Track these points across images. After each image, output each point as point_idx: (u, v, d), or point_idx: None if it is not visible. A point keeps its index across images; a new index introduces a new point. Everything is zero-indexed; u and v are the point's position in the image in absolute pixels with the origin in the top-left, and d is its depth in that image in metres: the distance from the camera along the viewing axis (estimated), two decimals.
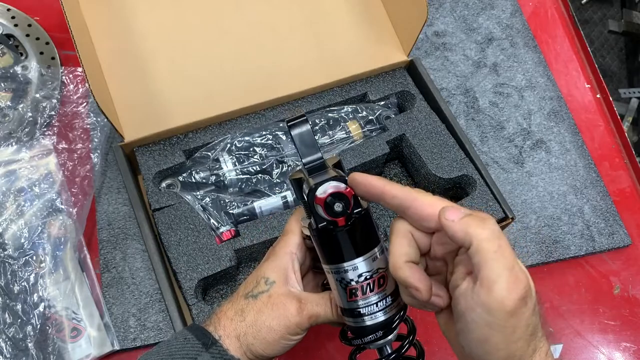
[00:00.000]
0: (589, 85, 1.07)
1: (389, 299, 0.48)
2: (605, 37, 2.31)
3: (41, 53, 0.90)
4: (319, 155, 0.50)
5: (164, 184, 0.78)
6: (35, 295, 0.73)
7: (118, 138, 0.76)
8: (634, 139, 2.04)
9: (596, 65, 1.07)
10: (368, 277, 0.47)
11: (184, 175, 0.78)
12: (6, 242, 0.76)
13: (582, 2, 2.34)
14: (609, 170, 0.98)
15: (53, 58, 0.90)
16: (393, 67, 0.89)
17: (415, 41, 0.85)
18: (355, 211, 0.46)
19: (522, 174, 0.94)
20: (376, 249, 0.48)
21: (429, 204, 0.43)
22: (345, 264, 0.47)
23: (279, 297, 0.51)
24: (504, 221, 0.79)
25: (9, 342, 0.70)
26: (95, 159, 0.84)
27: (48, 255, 0.76)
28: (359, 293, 0.47)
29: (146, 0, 0.84)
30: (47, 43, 0.91)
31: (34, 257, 0.76)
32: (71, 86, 0.89)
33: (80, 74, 0.90)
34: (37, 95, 0.86)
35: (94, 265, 0.78)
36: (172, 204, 0.74)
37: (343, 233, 0.46)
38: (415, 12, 0.82)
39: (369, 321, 0.48)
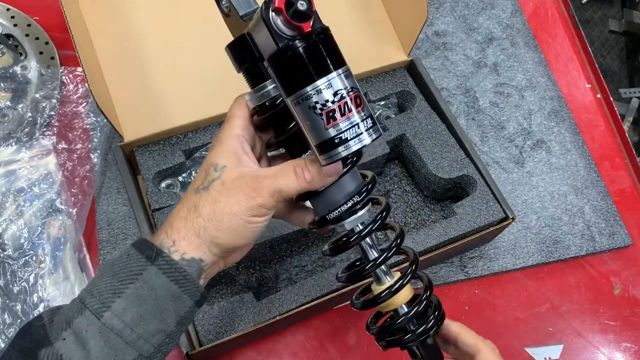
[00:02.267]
0: (589, 85, 1.06)
1: (369, 121, 0.45)
2: (606, 37, 2.31)
3: (41, 53, 0.90)
4: (257, 6, 0.46)
5: (163, 184, 0.78)
6: (35, 295, 0.73)
7: (118, 138, 0.76)
8: (635, 139, 2.04)
9: (596, 65, 1.07)
10: (344, 94, 0.43)
11: (183, 175, 0.78)
12: (6, 242, 0.76)
13: (583, 1, 2.34)
14: (610, 170, 0.98)
15: (52, 58, 0.90)
16: (393, 67, 0.89)
17: (415, 41, 0.85)
18: (317, 26, 0.43)
19: (522, 174, 0.94)
20: (346, 67, 0.44)
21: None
22: (319, 82, 0.42)
23: (233, 182, 0.46)
24: (504, 221, 0.79)
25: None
26: (95, 159, 0.84)
27: (48, 255, 0.76)
28: (338, 114, 0.43)
29: (146, 0, 0.84)
30: (47, 43, 0.91)
31: (34, 258, 0.75)
32: (71, 86, 0.89)
33: (80, 73, 0.90)
34: (37, 95, 0.86)
35: (93, 266, 0.78)
36: (172, 204, 0.74)
37: (311, 45, 0.42)
38: (415, 12, 0.82)
39: (353, 145, 0.44)
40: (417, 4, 0.81)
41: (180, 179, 0.78)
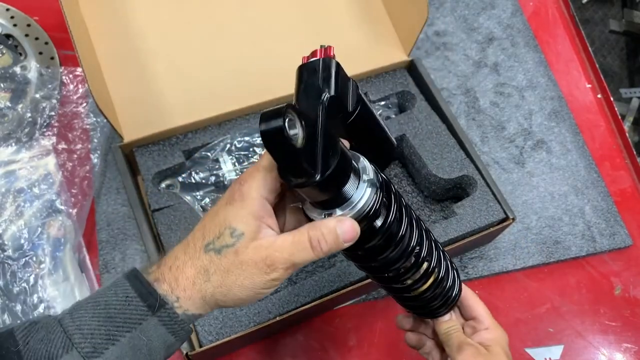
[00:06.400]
0: (589, 85, 1.06)
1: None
2: (606, 37, 2.31)
3: (40, 53, 0.90)
4: None
5: (163, 185, 0.77)
6: (35, 296, 0.73)
7: (117, 138, 0.76)
8: (635, 139, 2.04)
9: (597, 65, 1.06)
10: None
11: (183, 175, 0.78)
12: (5, 242, 0.76)
13: (583, 1, 2.33)
14: (610, 171, 0.98)
15: (52, 58, 0.90)
16: (393, 67, 0.88)
17: (415, 41, 0.85)
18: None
19: (522, 174, 0.93)
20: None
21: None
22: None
23: (248, 255, 0.43)
24: (504, 222, 0.78)
25: None
26: (95, 160, 0.84)
27: (47, 256, 0.76)
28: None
29: (146, 0, 0.83)
30: (47, 43, 0.91)
31: (34, 258, 0.75)
32: (71, 86, 0.89)
33: (79, 74, 0.90)
34: (37, 96, 0.86)
35: (93, 266, 0.78)
36: (172, 204, 0.74)
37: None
38: (415, 12, 0.82)
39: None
40: (417, 3, 0.81)
41: (180, 179, 0.78)
